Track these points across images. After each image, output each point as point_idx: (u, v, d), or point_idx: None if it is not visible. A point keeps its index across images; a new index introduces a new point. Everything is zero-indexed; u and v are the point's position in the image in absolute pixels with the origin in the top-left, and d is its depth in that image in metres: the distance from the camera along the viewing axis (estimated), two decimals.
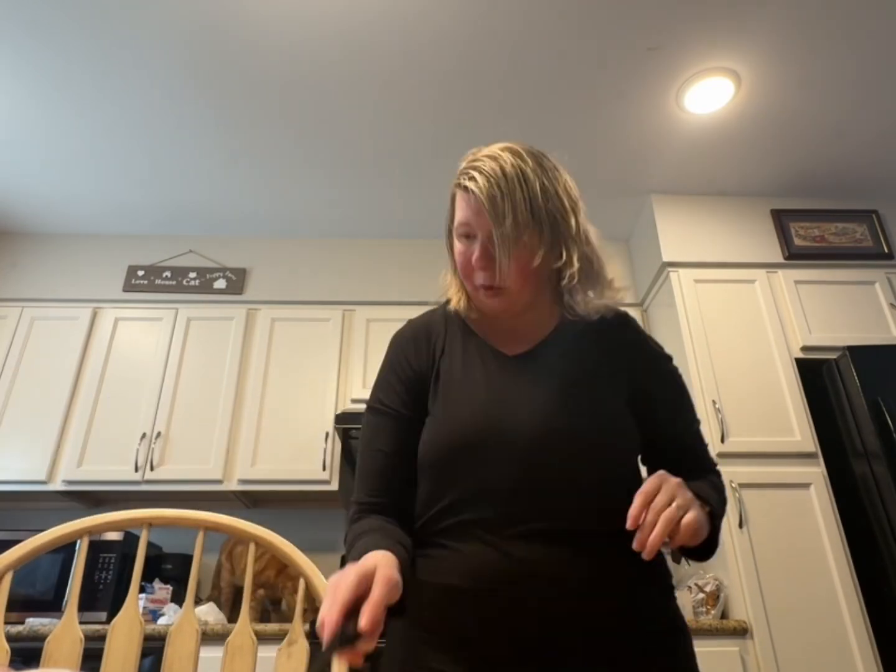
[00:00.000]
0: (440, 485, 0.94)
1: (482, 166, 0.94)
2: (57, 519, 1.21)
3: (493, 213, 0.92)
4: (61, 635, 0.98)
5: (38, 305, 3.33)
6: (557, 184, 0.98)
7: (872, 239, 3.21)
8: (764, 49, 2.53)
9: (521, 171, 0.94)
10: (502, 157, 0.95)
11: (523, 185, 0.93)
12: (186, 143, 2.98)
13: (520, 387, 0.97)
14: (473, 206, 0.94)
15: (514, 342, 1.04)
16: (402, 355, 1.07)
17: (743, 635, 2.39)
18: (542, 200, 0.94)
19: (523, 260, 0.94)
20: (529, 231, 0.93)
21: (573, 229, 0.97)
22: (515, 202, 0.92)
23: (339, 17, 2.37)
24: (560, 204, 0.96)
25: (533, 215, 0.93)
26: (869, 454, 2.59)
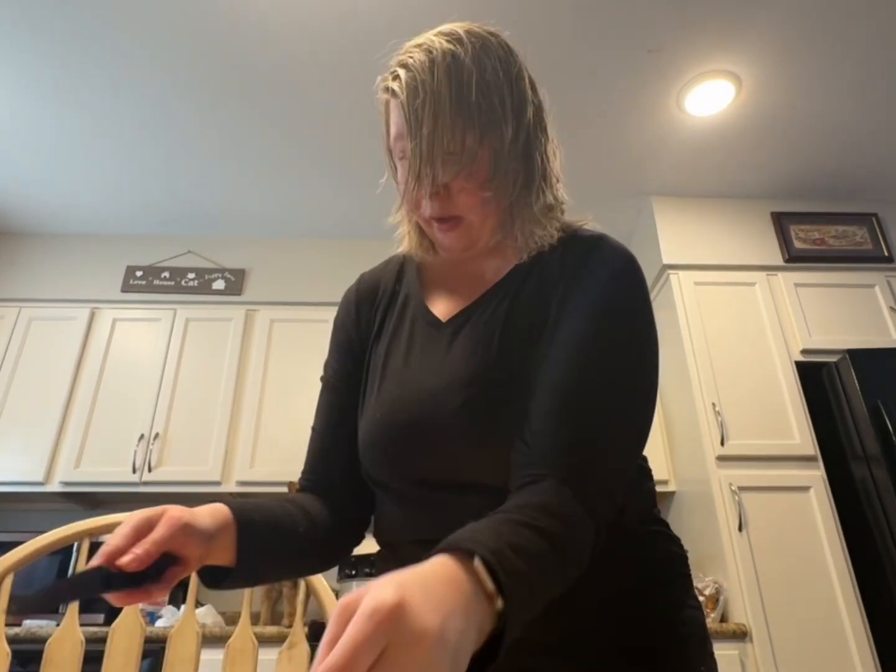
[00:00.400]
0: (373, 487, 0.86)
1: (408, 59, 0.75)
2: (54, 520, 1.20)
3: (415, 122, 0.72)
4: (62, 638, 0.97)
5: (36, 305, 3.32)
6: (505, 71, 0.77)
7: (872, 242, 3.22)
8: (765, 52, 2.53)
9: (453, 58, 0.73)
10: (433, 44, 0.75)
11: (453, 77, 0.72)
12: (186, 143, 2.97)
13: (432, 375, 0.79)
14: (401, 116, 0.75)
15: (462, 297, 0.86)
16: (345, 318, 0.95)
17: (742, 638, 2.38)
18: (478, 96, 0.73)
19: (475, 178, 0.75)
20: (459, 140, 0.72)
21: (512, 134, 0.75)
22: (440, 102, 0.71)
23: (338, 16, 2.37)
24: (504, 101, 0.75)
25: (458, 120, 0.72)
26: (868, 457, 2.59)
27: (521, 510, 0.60)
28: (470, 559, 0.49)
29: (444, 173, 0.73)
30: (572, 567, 0.62)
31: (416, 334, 0.85)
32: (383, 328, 0.90)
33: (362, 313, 0.94)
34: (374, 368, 0.87)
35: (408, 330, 0.87)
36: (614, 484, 0.69)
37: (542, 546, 0.56)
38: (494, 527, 0.55)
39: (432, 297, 0.89)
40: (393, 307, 0.91)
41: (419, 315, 0.87)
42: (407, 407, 0.79)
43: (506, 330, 0.78)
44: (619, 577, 0.75)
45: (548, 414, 0.70)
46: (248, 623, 1.07)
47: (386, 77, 0.79)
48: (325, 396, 0.94)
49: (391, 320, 0.90)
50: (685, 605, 0.80)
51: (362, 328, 0.93)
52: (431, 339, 0.84)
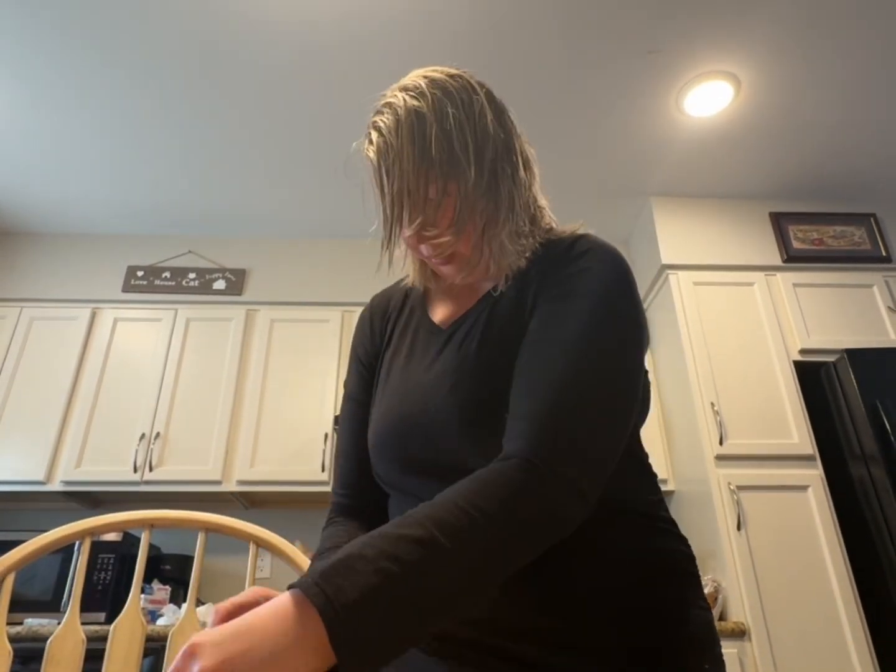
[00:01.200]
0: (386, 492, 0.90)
1: (380, 122, 0.82)
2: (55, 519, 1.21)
3: (387, 180, 0.81)
4: (63, 636, 0.98)
5: (37, 305, 3.33)
6: (467, 116, 0.82)
7: (871, 242, 3.22)
8: (763, 53, 2.54)
9: (416, 115, 0.80)
10: (399, 102, 0.81)
11: (418, 133, 0.79)
12: (186, 143, 2.98)
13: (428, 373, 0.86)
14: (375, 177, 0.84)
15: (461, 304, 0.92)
16: (360, 336, 1.03)
17: (741, 637, 2.39)
18: (440, 145, 0.79)
19: (441, 224, 0.81)
20: (435, 190, 0.79)
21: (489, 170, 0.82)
22: (405, 159, 0.78)
23: (336, 17, 2.38)
24: (463, 141, 0.80)
25: (422, 171, 0.79)
26: (867, 457, 2.59)
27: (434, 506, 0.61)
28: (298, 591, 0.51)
29: (410, 226, 0.81)
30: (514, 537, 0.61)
31: (417, 341, 0.92)
32: (391, 340, 0.97)
33: (375, 328, 1.01)
34: (382, 376, 0.94)
35: (410, 338, 0.94)
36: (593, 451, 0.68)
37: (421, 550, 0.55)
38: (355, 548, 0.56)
39: (435, 307, 0.96)
40: (400, 320, 0.99)
41: (421, 324, 0.95)
42: (404, 402, 0.85)
43: (487, 326, 0.84)
44: (623, 570, 0.75)
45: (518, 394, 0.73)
46: None
47: (364, 140, 0.86)
48: (348, 411, 0.98)
49: (398, 332, 0.97)
50: (693, 604, 0.79)
51: (376, 341, 0.99)
52: (430, 344, 0.90)
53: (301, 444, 3.03)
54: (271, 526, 1.20)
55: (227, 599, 0.60)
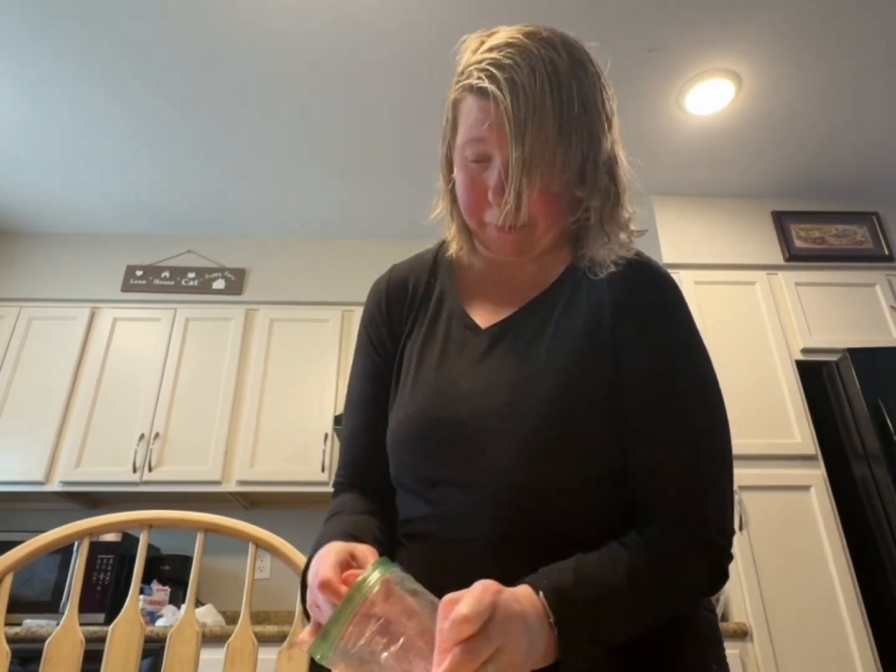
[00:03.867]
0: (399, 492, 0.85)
1: (503, 60, 0.70)
2: (54, 520, 1.20)
3: (517, 130, 0.68)
4: (62, 637, 0.97)
5: (36, 305, 3.32)
6: (596, 85, 0.75)
7: (873, 241, 3.21)
8: (765, 51, 2.53)
9: (553, 67, 0.70)
10: (529, 48, 0.71)
11: (556, 88, 0.69)
12: (186, 142, 2.97)
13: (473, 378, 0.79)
14: (494, 119, 0.70)
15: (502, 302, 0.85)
16: (376, 314, 0.93)
17: (743, 638, 2.38)
18: (580, 110, 0.70)
19: (553, 190, 0.72)
20: (561, 152, 0.70)
21: (604, 152, 0.74)
22: (545, 114, 0.68)
23: (336, 17, 2.37)
24: (598, 116, 0.73)
25: (564, 135, 0.69)
26: (869, 456, 2.58)
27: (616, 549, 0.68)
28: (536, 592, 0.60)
29: (539, 183, 0.71)
30: (666, 601, 0.69)
31: (451, 337, 0.84)
32: (416, 324, 0.89)
33: (393, 308, 0.91)
34: (408, 365, 0.86)
35: (443, 331, 0.86)
36: (725, 512, 0.73)
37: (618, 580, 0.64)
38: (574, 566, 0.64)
39: (468, 298, 0.88)
40: (427, 304, 0.89)
41: (455, 317, 0.86)
42: (443, 406, 0.78)
43: (554, 344, 0.78)
44: None
45: (647, 462, 0.74)
46: (248, 623, 1.07)
47: (470, 73, 0.74)
48: (359, 392, 0.90)
49: (425, 317, 0.88)
50: (698, 606, 0.79)
51: (394, 323, 0.90)
52: (469, 344, 0.83)
53: (301, 444, 3.03)
54: (271, 526, 1.18)
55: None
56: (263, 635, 2.28)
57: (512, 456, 0.73)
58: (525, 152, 0.68)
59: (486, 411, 0.76)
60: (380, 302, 0.93)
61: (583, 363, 0.76)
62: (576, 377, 0.75)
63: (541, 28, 0.75)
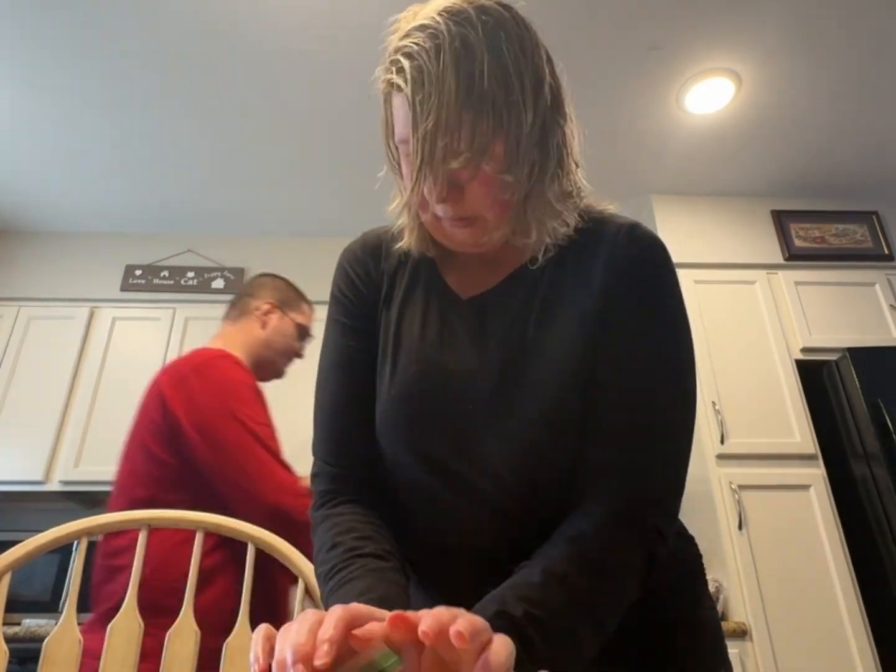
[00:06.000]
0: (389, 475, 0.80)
1: (412, 48, 0.68)
2: (54, 519, 1.19)
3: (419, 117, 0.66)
4: (60, 636, 0.97)
5: (35, 305, 3.31)
6: (520, 55, 0.69)
7: (873, 240, 3.21)
8: (764, 50, 2.53)
9: (463, 44, 0.66)
10: (440, 29, 0.67)
11: (464, 65, 0.65)
12: (185, 142, 2.97)
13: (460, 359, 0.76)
14: (406, 112, 0.69)
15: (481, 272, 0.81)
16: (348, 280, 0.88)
17: (742, 637, 2.38)
18: (491, 84, 0.66)
19: (486, 174, 0.68)
20: (467, 128, 0.66)
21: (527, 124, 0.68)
22: (447, 93, 0.65)
23: (336, 17, 2.37)
24: (519, 87, 0.68)
25: (468, 105, 0.65)
26: (869, 456, 2.58)
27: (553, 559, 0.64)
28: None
29: (450, 172, 0.68)
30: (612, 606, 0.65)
31: (431, 308, 0.81)
32: (393, 289, 0.84)
33: (370, 275, 0.86)
34: (388, 341, 0.81)
35: (422, 300, 0.82)
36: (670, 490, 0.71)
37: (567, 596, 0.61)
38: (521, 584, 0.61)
39: (446, 271, 0.84)
40: (403, 269, 0.85)
41: (434, 286, 0.82)
42: (429, 385, 0.76)
43: (541, 318, 0.76)
44: None
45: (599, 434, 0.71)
46: (248, 622, 1.07)
47: (388, 67, 0.72)
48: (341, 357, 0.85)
49: (401, 283, 0.84)
50: (701, 604, 0.79)
51: (371, 292, 0.85)
52: (450, 314, 0.80)
53: (299, 444, 3.00)
54: None
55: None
56: None
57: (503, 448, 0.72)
58: (426, 138, 0.66)
59: (476, 397, 0.74)
60: (354, 267, 0.88)
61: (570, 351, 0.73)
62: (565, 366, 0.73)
63: (466, 3, 0.69)
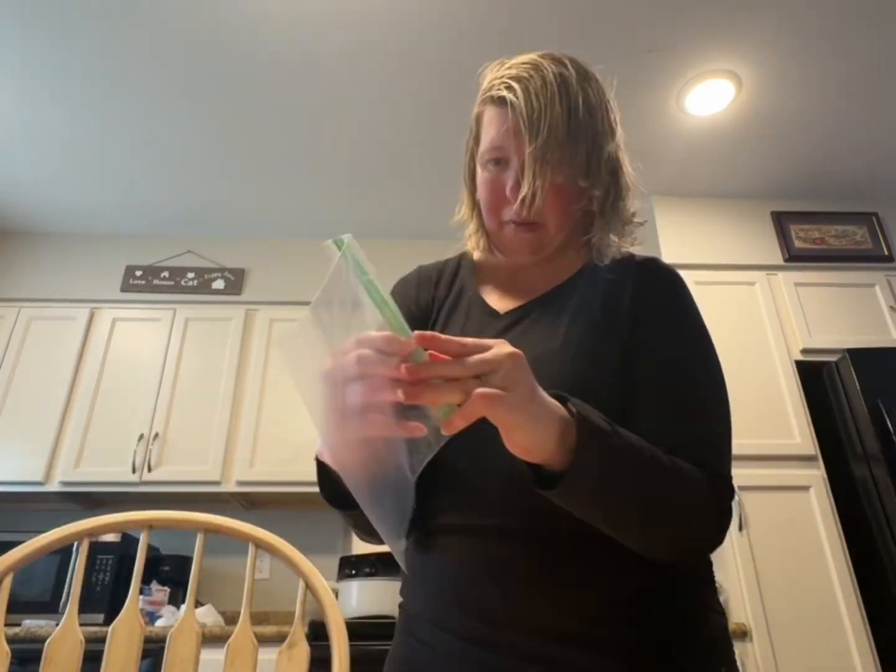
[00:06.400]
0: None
1: (520, 74, 0.81)
2: (54, 520, 1.20)
3: (531, 129, 0.79)
4: (61, 637, 0.97)
5: (36, 305, 3.32)
6: (601, 99, 0.87)
7: (872, 241, 3.21)
8: (765, 51, 2.53)
9: (562, 79, 0.81)
10: (542, 64, 0.82)
11: (564, 96, 0.80)
12: (185, 142, 2.97)
13: None
14: (511, 123, 0.80)
15: (517, 295, 0.90)
16: (403, 297, 0.96)
17: (742, 638, 2.38)
18: (585, 115, 0.81)
19: (563, 189, 0.82)
20: (569, 149, 0.80)
21: (606, 153, 0.84)
22: (555, 116, 0.79)
23: (335, 18, 2.37)
24: (601, 123, 0.84)
25: (571, 134, 0.80)
26: (869, 457, 2.58)
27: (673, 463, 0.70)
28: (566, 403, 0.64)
29: (550, 178, 0.79)
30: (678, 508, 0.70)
31: (470, 322, 0.89)
32: (439, 315, 0.93)
33: (421, 293, 0.97)
34: None
35: (462, 318, 0.91)
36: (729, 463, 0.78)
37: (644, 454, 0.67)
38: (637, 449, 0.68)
39: (487, 292, 0.94)
40: (450, 295, 0.95)
41: (474, 305, 0.92)
42: None
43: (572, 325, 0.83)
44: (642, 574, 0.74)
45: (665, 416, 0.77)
46: (248, 623, 1.07)
47: (491, 86, 0.84)
48: None
49: (447, 306, 0.94)
50: (709, 609, 0.80)
51: (421, 307, 0.95)
52: (488, 327, 0.87)
53: (301, 444, 3.02)
54: (271, 527, 1.18)
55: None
56: (263, 636, 2.27)
57: None
58: (538, 147, 0.78)
59: None
60: (408, 287, 0.98)
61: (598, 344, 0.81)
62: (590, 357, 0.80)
63: (553, 53, 0.86)
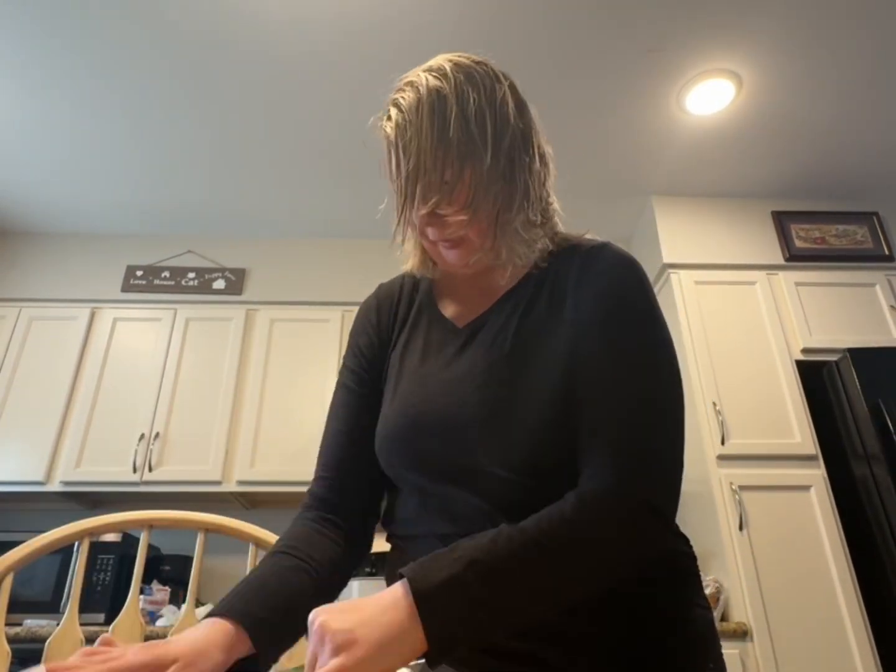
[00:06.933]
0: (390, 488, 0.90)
1: (400, 99, 0.83)
2: (55, 520, 1.20)
3: (405, 157, 0.81)
4: (62, 637, 0.97)
5: (37, 305, 3.32)
6: (490, 105, 0.83)
7: (873, 241, 3.21)
8: (765, 51, 2.53)
9: (437, 94, 0.81)
10: (421, 81, 0.83)
11: (436, 113, 0.80)
12: (186, 142, 2.97)
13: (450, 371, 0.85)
14: (392, 156, 0.84)
15: (475, 306, 0.92)
16: (364, 325, 1.00)
17: (743, 637, 2.38)
18: (461, 128, 0.80)
19: (455, 205, 0.81)
20: (439, 163, 0.79)
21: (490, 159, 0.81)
22: (423, 134, 0.79)
23: (335, 17, 2.37)
24: (482, 129, 0.81)
25: (441, 144, 0.79)
26: (869, 456, 2.58)
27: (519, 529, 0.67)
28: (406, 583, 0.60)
29: (425, 204, 0.81)
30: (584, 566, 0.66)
31: (432, 338, 0.92)
32: (401, 334, 0.96)
33: (382, 319, 0.99)
34: (392, 371, 0.92)
35: (423, 335, 0.93)
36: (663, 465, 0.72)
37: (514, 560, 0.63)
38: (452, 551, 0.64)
39: (446, 306, 0.96)
40: (410, 315, 0.98)
41: (434, 321, 0.94)
42: (425, 399, 0.84)
43: (519, 329, 0.84)
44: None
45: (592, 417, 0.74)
46: None
47: (382, 116, 0.87)
48: (341, 398, 0.97)
49: (408, 327, 0.96)
50: (694, 604, 0.80)
51: (382, 332, 0.98)
52: (446, 342, 0.90)
53: (301, 444, 3.02)
54: (272, 527, 1.18)
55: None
56: None
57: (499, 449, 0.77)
58: (407, 176, 0.80)
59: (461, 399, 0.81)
60: (369, 313, 1.01)
61: (544, 349, 0.81)
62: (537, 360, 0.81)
63: (447, 58, 0.86)
